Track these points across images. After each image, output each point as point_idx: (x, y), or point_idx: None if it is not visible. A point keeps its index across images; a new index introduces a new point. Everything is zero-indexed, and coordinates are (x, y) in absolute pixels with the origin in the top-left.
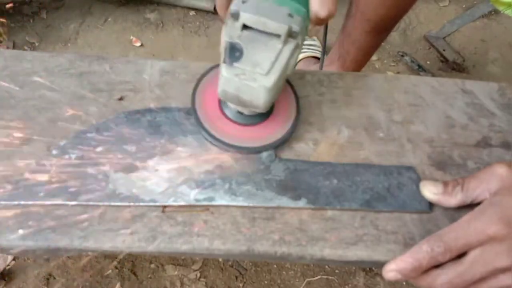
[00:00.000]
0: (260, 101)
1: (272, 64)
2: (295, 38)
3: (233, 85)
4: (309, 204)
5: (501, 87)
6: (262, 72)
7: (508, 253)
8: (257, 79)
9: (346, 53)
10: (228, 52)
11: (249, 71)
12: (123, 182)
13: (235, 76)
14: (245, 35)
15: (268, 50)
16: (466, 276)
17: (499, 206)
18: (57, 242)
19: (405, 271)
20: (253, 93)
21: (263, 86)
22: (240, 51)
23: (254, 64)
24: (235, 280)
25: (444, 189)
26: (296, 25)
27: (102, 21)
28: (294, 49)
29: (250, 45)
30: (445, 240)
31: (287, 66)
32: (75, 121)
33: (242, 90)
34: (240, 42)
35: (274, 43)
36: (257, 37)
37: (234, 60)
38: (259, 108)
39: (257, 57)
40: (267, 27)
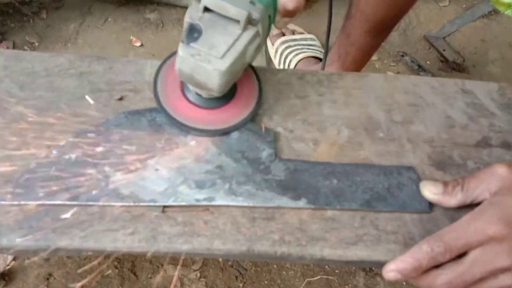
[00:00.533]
0: (213, 83)
1: (228, 48)
2: (255, 25)
3: (188, 64)
4: (309, 204)
5: (501, 87)
6: (217, 55)
7: (508, 253)
8: (211, 61)
9: (346, 54)
10: (187, 32)
11: (205, 52)
12: (123, 182)
13: (191, 56)
14: (205, 17)
15: (227, 34)
16: (466, 276)
17: (499, 206)
18: (57, 242)
19: (405, 271)
20: (207, 74)
21: (217, 69)
22: (199, 32)
23: (211, 46)
24: (235, 280)
25: (444, 189)
26: (256, 13)
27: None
28: (253, 36)
29: (210, 28)
30: (445, 240)
31: (245, 52)
32: (75, 121)
33: (196, 71)
34: (200, 23)
35: (233, 28)
36: (218, 20)
37: (191, 41)
38: (213, 90)
39: (214, 40)
40: (227, 11)
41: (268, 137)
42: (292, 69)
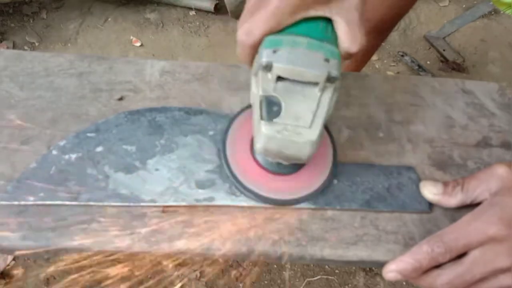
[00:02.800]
0: (305, 154)
1: (313, 114)
2: (333, 82)
3: (275, 142)
4: (309, 205)
5: (501, 87)
6: (305, 125)
7: (508, 253)
8: (301, 133)
9: None
10: (265, 107)
11: (291, 125)
12: (123, 182)
13: (277, 133)
14: (280, 87)
15: (307, 100)
16: (466, 276)
17: (499, 206)
18: (57, 243)
19: (405, 271)
20: (298, 147)
21: (309, 139)
22: (278, 105)
23: (295, 117)
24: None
25: (444, 190)
26: (334, 70)
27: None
28: (333, 93)
29: (287, 98)
30: (446, 240)
31: (328, 112)
32: (75, 121)
33: (285, 146)
34: (276, 95)
35: (312, 92)
36: (293, 87)
37: (273, 116)
38: (303, 161)
39: (297, 109)
40: (304, 76)
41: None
42: None
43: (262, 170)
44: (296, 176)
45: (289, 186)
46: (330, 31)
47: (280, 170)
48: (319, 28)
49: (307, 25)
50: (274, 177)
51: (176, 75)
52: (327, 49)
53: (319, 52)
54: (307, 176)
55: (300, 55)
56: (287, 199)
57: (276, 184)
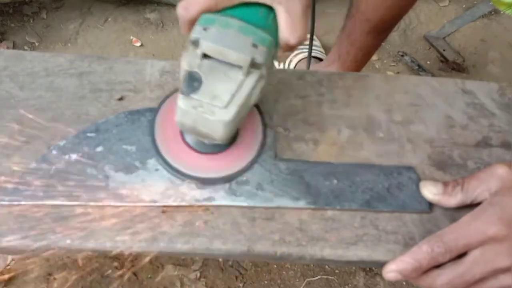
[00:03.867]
0: (218, 134)
1: (232, 96)
2: (258, 69)
3: (190, 117)
4: (309, 204)
5: (501, 87)
6: (221, 105)
7: (508, 253)
8: (215, 112)
9: (346, 54)
10: (187, 81)
11: (207, 103)
12: (123, 182)
13: (192, 108)
14: (205, 64)
15: (229, 81)
16: (466, 276)
17: (499, 206)
18: (57, 242)
19: (405, 271)
20: (211, 126)
21: (221, 120)
22: (199, 81)
23: (213, 96)
24: (235, 280)
25: (444, 190)
26: (260, 56)
27: (102, 21)
28: (257, 80)
29: (210, 75)
30: (445, 240)
31: (250, 97)
32: (75, 121)
33: (199, 123)
34: (199, 71)
35: (236, 74)
36: (218, 67)
37: (192, 91)
38: (218, 140)
39: (216, 88)
40: (229, 57)
41: (268, 138)
42: (292, 69)
43: (190, 150)
44: (222, 156)
45: (214, 165)
46: (270, 19)
47: (206, 149)
48: (257, 14)
49: (246, 10)
50: (200, 156)
51: (176, 75)
52: (259, 35)
53: (248, 37)
54: (233, 156)
55: (228, 36)
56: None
57: (201, 163)
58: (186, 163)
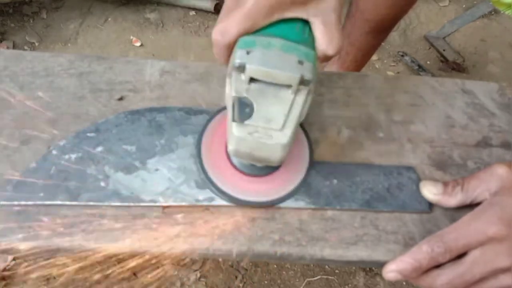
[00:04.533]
0: (276, 157)
1: (285, 117)
2: (307, 85)
3: (246, 144)
4: (309, 204)
5: (501, 87)
6: (277, 127)
7: (508, 253)
8: (272, 135)
9: (346, 54)
10: (237, 108)
11: (263, 127)
12: (123, 182)
13: (248, 135)
14: (253, 88)
15: (280, 102)
16: (466, 276)
17: (499, 206)
18: (57, 243)
19: (405, 271)
20: (268, 150)
21: (279, 142)
22: (250, 107)
23: (267, 119)
24: (235, 280)
25: (444, 190)
26: (307, 73)
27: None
28: (306, 96)
29: (260, 99)
30: (445, 240)
31: (301, 115)
32: (75, 121)
33: (256, 148)
34: (249, 96)
35: (285, 94)
36: (266, 89)
37: (244, 117)
38: (275, 163)
39: (269, 111)
40: (277, 78)
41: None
42: None
43: (238, 172)
44: (271, 178)
45: (265, 187)
46: (307, 33)
47: (255, 172)
48: (295, 29)
49: (283, 27)
50: (249, 179)
51: (176, 75)
52: (302, 51)
53: (292, 54)
54: (282, 178)
55: (273, 57)
56: (263, 201)
57: (251, 186)
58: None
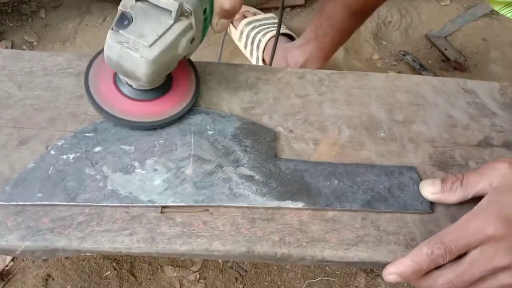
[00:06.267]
0: (141, 72)
1: (157, 37)
2: (187, 17)
3: (115, 51)
4: (310, 205)
5: (502, 86)
6: (146, 43)
7: (506, 251)
8: (139, 49)
9: (324, 35)
10: (117, 19)
11: (133, 40)
12: (122, 182)
13: (118, 43)
14: (138, 5)
15: (158, 24)
16: (466, 276)
17: (497, 205)
18: (56, 243)
19: (405, 274)
20: (134, 63)
21: (144, 57)
22: (130, 21)
23: (140, 34)
24: (235, 281)
25: (442, 187)
26: (188, 4)
27: (101, 20)
28: (185, 28)
29: (141, 17)
30: (445, 241)
31: (176, 43)
32: (73, 120)
33: (123, 58)
34: (132, 12)
35: (166, 19)
36: (150, 10)
37: (121, 28)
38: (141, 80)
39: (144, 29)
40: (159, 1)
41: (267, 137)
42: (292, 68)
43: (123, 97)
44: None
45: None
46: None
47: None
48: None
49: None
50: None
51: None
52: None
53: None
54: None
55: None
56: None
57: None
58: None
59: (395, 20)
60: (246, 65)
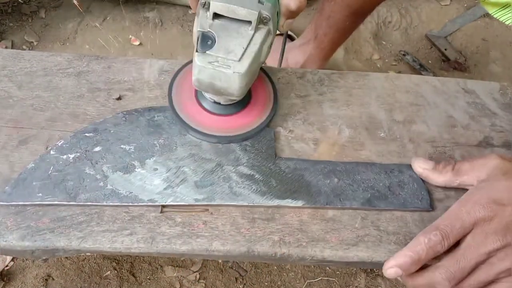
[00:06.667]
0: (235, 87)
1: (244, 50)
2: (266, 24)
3: (207, 73)
4: (310, 203)
5: (502, 86)
6: (235, 58)
7: (497, 232)
8: (230, 65)
9: (324, 34)
10: (200, 41)
11: (222, 58)
12: (122, 182)
13: (209, 64)
14: (216, 23)
15: (240, 37)
16: (461, 262)
17: (485, 189)
18: (56, 243)
19: (404, 265)
20: (227, 79)
21: (237, 72)
22: (212, 40)
23: (227, 51)
24: (235, 281)
25: (435, 166)
26: (266, 11)
27: (101, 20)
28: (266, 35)
29: (222, 33)
30: (441, 228)
31: (260, 51)
32: (73, 120)
33: (216, 77)
34: (212, 30)
35: (246, 30)
36: (229, 25)
37: (206, 49)
38: (234, 95)
39: (229, 44)
40: (238, 14)
41: (267, 136)
42: (292, 68)
43: (206, 112)
44: (237, 117)
45: (230, 125)
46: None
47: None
48: None
49: None
50: (216, 118)
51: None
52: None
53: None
54: (248, 116)
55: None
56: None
57: (218, 124)
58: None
59: (395, 20)
60: None
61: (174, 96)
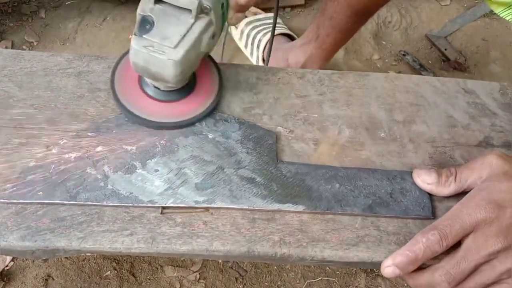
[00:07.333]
0: (168, 73)
1: (181, 38)
2: (207, 14)
3: (141, 56)
4: (310, 208)
5: (502, 86)
6: (171, 45)
7: (498, 234)
8: (165, 51)
9: (326, 35)
10: (139, 24)
11: (158, 43)
12: (122, 182)
13: (144, 48)
14: (157, 8)
15: (179, 24)
16: (462, 264)
17: (486, 191)
18: (56, 243)
19: (402, 264)
20: (161, 65)
21: (171, 59)
22: (151, 24)
23: (163, 37)
24: (235, 281)
25: (438, 179)
26: (207, 1)
27: (101, 20)
28: (206, 25)
29: (162, 19)
30: (440, 228)
31: (199, 41)
32: (74, 120)
33: (150, 62)
34: (152, 15)
35: (186, 18)
36: (169, 11)
37: (144, 33)
38: (169, 81)
39: (167, 30)
40: (178, 1)
41: (269, 140)
42: (292, 68)
43: (149, 99)
44: (178, 104)
45: (172, 112)
46: None
47: (163, 97)
48: None
49: None
50: (158, 104)
51: None
52: None
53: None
54: (190, 103)
55: None
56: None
57: (158, 109)
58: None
59: (395, 20)
60: (246, 65)
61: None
